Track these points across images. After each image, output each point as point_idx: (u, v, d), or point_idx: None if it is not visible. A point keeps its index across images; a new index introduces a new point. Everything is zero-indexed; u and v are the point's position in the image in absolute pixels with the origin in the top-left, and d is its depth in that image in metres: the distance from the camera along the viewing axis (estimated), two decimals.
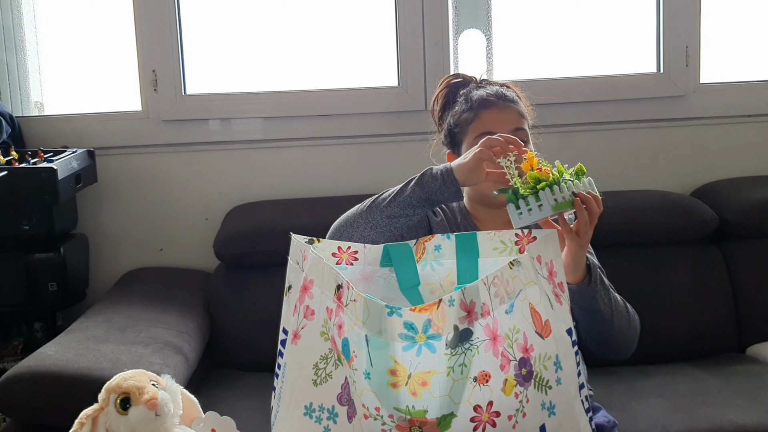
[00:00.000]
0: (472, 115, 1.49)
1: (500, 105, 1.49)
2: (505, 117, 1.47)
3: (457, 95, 1.55)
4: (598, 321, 1.39)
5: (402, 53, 2.26)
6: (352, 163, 2.28)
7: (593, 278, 1.34)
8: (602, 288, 1.37)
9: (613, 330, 1.41)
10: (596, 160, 2.23)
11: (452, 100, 1.56)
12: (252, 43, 2.31)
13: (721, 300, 2.03)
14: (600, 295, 1.36)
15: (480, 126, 1.47)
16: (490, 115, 1.47)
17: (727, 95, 2.37)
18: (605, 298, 1.38)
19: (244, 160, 2.26)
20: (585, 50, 2.38)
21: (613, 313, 1.39)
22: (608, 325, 1.39)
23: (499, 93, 1.51)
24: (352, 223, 1.38)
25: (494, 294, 0.95)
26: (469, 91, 1.54)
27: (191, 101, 2.24)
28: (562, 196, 1.18)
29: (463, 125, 1.51)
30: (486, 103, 1.49)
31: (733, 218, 2.09)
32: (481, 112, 1.48)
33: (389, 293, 1.19)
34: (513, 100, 1.51)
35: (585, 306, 1.34)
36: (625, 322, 1.43)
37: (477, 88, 1.54)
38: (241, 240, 2.02)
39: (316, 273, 1.03)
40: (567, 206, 1.19)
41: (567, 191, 1.19)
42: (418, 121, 2.15)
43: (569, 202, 1.19)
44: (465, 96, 1.53)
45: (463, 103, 1.52)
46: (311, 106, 2.26)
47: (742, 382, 1.71)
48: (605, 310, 1.38)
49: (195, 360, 1.72)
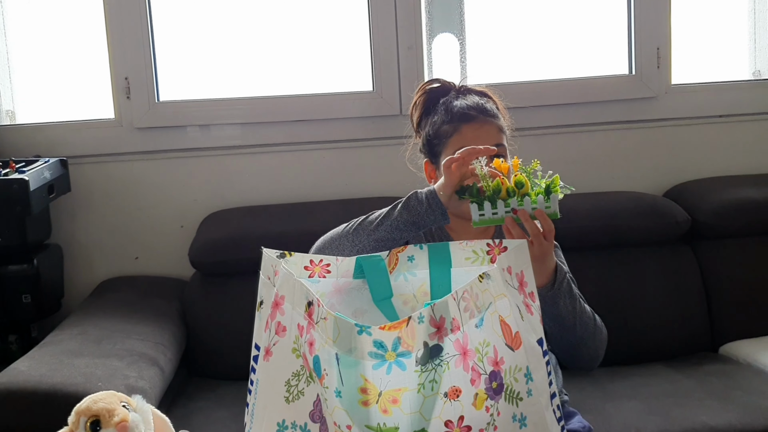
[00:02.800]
0: (452, 129, 1.48)
1: (480, 120, 1.48)
2: (485, 132, 1.47)
3: (437, 103, 1.54)
4: (559, 327, 1.39)
5: (376, 58, 2.26)
6: (328, 168, 2.28)
7: (557, 284, 1.35)
8: (567, 295, 1.38)
9: (575, 339, 1.41)
10: (569, 163, 2.25)
11: (431, 108, 1.55)
12: (226, 50, 2.30)
13: (695, 300, 2.06)
14: (563, 302, 1.36)
15: (460, 140, 1.46)
16: (471, 130, 1.47)
17: (698, 96, 2.40)
18: (569, 306, 1.38)
19: (219, 166, 2.25)
20: (557, 53, 2.40)
21: (575, 322, 1.39)
22: (570, 333, 1.40)
23: (479, 106, 1.50)
24: (338, 245, 1.38)
25: (464, 308, 0.96)
26: (450, 101, 1.52)
27: (165, 108, 2.23)
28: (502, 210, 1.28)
29: (442, 137, 1.49)
30: (466, 117, 1.48)
31: (705, 219, 2.11)
32: (461, 127, 1.47)
33: (363, 305, 1.19)
34: (493, 114, 1.50)
35: (546, 311, 1.32)
36: (589, 333, 1.42)
37: (457, 97, 1.53)
38: (216, 248, 2.02)
39: (287, 289, 1.03)
40: (500, 221, 1.29)
41: (502, 208, 1.27)
42: (394, 125, 2.15)
43: (500, 218, 1.28)
44: (445, 106, 1.52)
45: (443, 114, 1.51)
46: (286, 112, 2.26)
47: (716, 383, 1.74)
48: (567, 317, 1.38)
49: (171, 371, 1.71)
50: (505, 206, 1.28)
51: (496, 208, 1.28)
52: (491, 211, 1.28)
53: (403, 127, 1.68)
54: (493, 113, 1.51)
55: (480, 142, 1.43)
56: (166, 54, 2.25)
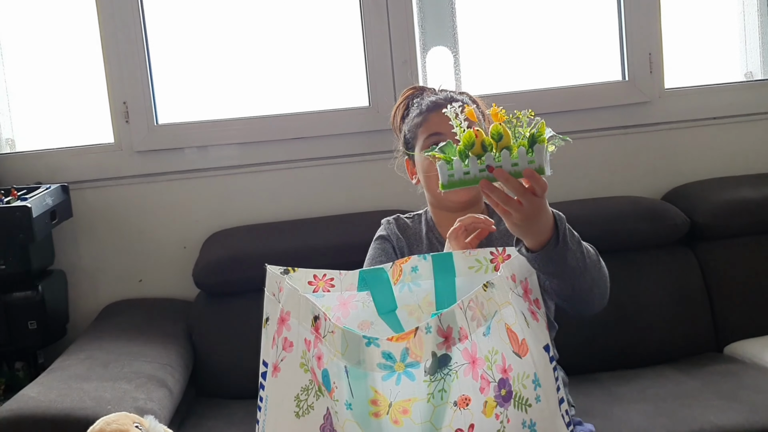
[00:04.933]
0: (422, 119, 1.52)
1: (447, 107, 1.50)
2: (449, 118, 1.47)
3: (413, 104, 1.59)
4: (571, 280, 1.20)
5: (371, 73, 2.28)
6: (327, 184, 2.29)
7: (561, 236, 1.13)
8: (574, 244, 1.17)
9: (588, 283, 1.23)
10: (566, 170, 2.26)
11: (409, 110, 1.60)
12: (222, 71, 2.32)
13: (697, 301, 2.07)
14: (572, 254, 1.16)
15: (429, 128, 1.50)
16: (437, 118, 1.48)
17: (691, 99, 2.42)
18: (578, 254, 1.17)
19: (219, 186, 2.26)
20: (550, 62, 2.42)
21: (586, 266, 1.20)
22: (582, 280, 1.21)
23: (448, 96, 1.54)
24: None
25: (471, 317, 0.97)
26: (422, 99, 1.57)
27: (163, 131, 2.24)
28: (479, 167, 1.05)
29: (414, 130, 1.54)
30: (434, 106, 1.51)
31: (704, 220, 2.12)
32: (429, 115, 1.51)
33: (368, 317, 1.21)
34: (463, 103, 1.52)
35: (551, 271, 1.16)
36: (597, 270, 1.25)
37: (430, 94, 1.58)
38: (219, 267, 2.02)
39: (292, 304, 1.04)
40: (473, 182, 1.06)
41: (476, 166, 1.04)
42: (390, 139, 2.14)
43: (473, 179, 1.05)
44: (417, 103, 1.57)
45: (415, 110, 1.56)
46: (284, 130, 2.27)
47: (721, 383, 1.74)
48: (578, 267, 1.18)
49: (179, 392, 1.72)
50: (479, 163, 1.05)
51: (467, 166, 1.05)
52: (462, 171, 1.05)
53: (394, 145, 1.70)
54: (462, 101, 1.48)
55: (447, 127, 1.37)
56: (164, 77, 2.27)
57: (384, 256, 1.51)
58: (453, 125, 1.13)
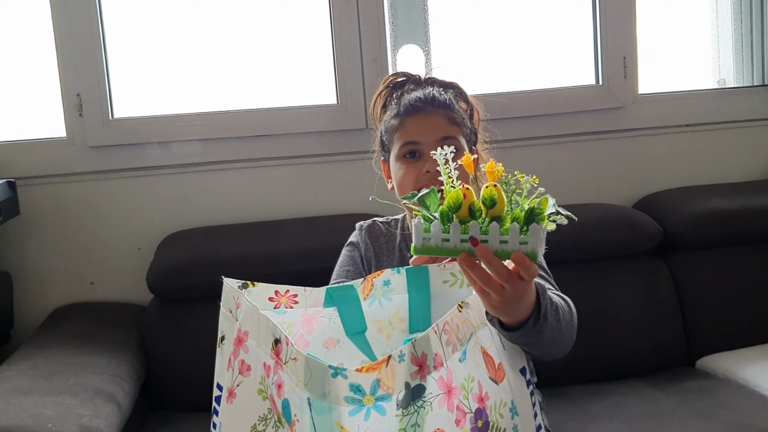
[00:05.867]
0: (398, 123, 1.36)
1: (426, 111, 1.34)
2: (430, 125, 1.33)
3: (392, 99, 1.44)
4: (539, 347, 1.09)
5: (340, 70, 2.20)
6: (292, 185, 2.20)
7: (542, 314, 1.01)
8: (552, 315, 1.04)
9: (557, 347, 1.12)
10: (537, 175, 2.19)
11: (389, 102, 1.45)
12: (183, 63, 2.21)
13: (669, 313, 2.03)
14: (549, 328, 1.04)
15: (404, 135, 1.35)
16: (415, 123, 1.34)
17: (664, 106, 2.38)
18: (554, 324, 1.05)
19: (177, 185, 2.16)
20: (523, 64, 2.36)
21: (561, 332, 1.08)
22: (553, 345, 1.10)
23: (429, 96, 1.36)
24: None
25: (446, 342, 0.89)
26: (403, 93, 1.40)
27: (119, 125, 2.13)
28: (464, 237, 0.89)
29: (390, 133, 1.38)
30: (412, 108, 1.35)
31: (677, 230, 2.08)
32: (405, 120, 1.35)
33: (335, 334, 1.12)
34: (444, 104, 1.36)
35: (523, 343, 1.04)
36: (571, 328, 1.14)
37: (415, 88, 1.42)
38: (175, 272, 1.92)
39: (251, 324, 0.95)
40: (451, 253, 0.90)
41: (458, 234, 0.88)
42: (359, 139, 2.09)
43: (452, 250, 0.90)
44: (397, 99, 1.40)
45: (393, 108, 1.39)
46: (247, 127, 2.17)
47: (697, 400, 1.69)
48: (555, 337, 1.07)
49: (129, 405, 1.61)
50: (461, 231, 0.90)
51: (448, 232, 0.90)
52: (441, 236, 0.90)
53: (370, 141, 1.61)
54: (443, 103, 1.36)
55: (424, 135, 1.32)
56: (120, 68, 2.15)
57: (351, 265, 1.42)
58: (428, 133, 1.03)
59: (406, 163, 1.35)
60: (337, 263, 1.45)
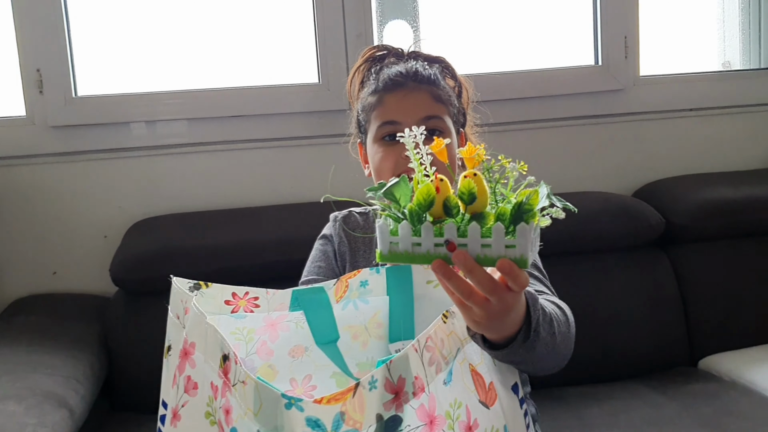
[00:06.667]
0: (376, 100, 1.23)
1: (408, 87, 1.20)
2: (411, 102, 1.19)
3: (370, 74, 1.29)
4: (531, 365, 0.93)
5: (322, 47, 2.05)
6: (269, 169, 2.06)
7: (534, 329, 0.86)
8: (545, 327, 0.88)
9: (551, 363, 0.97)
10: (531, 161, 2.05)
11: (367, 78, 1.31)
12: (153, 38, 2.06)
13: (671, 309, 1.90)
14: (542, 343, 0.88)
15: (383, 113, 1.21)
16: (394, 100, 1.20)
17: (667, 89, 2.25)
18: (548, 339, 0.89)
19: (146, 168, 2.01)
20: (518, 43, 2.21)
21: (555, 347, 0.92)
22: (547, 362, 0.94)
23: (411, 71, 1.22)
24: None
25: (428, 361, 0.75)
26: (383, 67, 1.26)
27: (83, 104, 1.98)
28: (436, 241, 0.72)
29: (367, 111, 1.24)
30: (392, 84, 1.21)
31: (680, 221, 1.96)
32: (384, 97, 1.21)
33: (302, 341, 0.98)
34: (429, 80, 1.22)
35: (512, 361, 0.90)
36: (568, 341, 0.99)
37: (396, 62, 1.27)
38: (142, 262, 1.77)
39: (198, 334, 0.81)
40: (423, 261, 0.74)
41: (430, 238, 0.72)
42: (343, 120, 1.92)
43: (425, 256, 0.73)
44: (376, 74, 1.27)
45: (372, 83, 1.25)
46: (222, 107, 2.03)
47: (703, 407, 1.57)
48: (546, 351, 0.90)
49: (84, 410, 1.47)
50: (435, 233, 0.73)
51: (419, 235, 0.73)
52: (411, 240, 0.73)
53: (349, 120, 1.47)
54: (427, 78, 1.22)
55: (404, 114, 1.18)
56: (84, 43, 1.99)
57: (323, 261, 1.28)
58: (409, 112, 0.88)
59: (384, 145, 1.21)
60: (309, 258, 1.31)
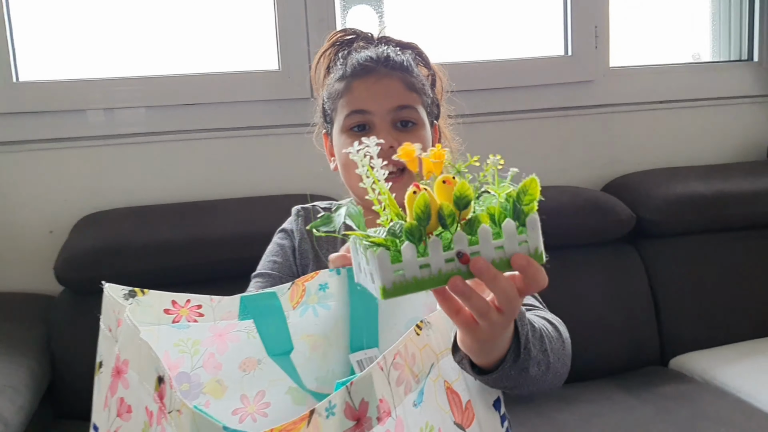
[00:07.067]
0: (344, 87, 1.14)
1: (379, 73, 1.12)
2: (383, 89, 1.11)
3: (337, 59, 1.20)
4: (525, 387, 0.85)
5: (282, 32, 1.96)
6: (227, 160, 1.97)
7: (524, 347, 0.79)
8: (535, 345, 0.81)
9: (546, 384, 0.88)
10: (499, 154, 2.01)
11: (333, 65, 1.21)
12: (102, 19, 1.94)
13: (641, 306, 1.87)
14: (534, 364, 0.81)
15: (351, 102, 1.12)
16: (364, 87, 1.11)
17: (637, 80, 2.21)
18: (540, 355, 0.82)
19: (95, 159, 1.90)
20: (486, 31, 2.14)
21: (549, 366, 0.85)
22: (541, 383, 0.86)
23: (382, 56, 1.14)
24: None
25: (396, 380, 0.66)
26: (350, 52, 1.18)
27: (26, 90, 1.85)
28: None
29: (334, 99, 1.15)
30: (361, 69, 1.12)
31: (650, 215, 1.91)
32: (353, 83, 1.12)
33: (255, 353, 0.89)
34: (401, 66, 1.14)
35: (504, 386, 0.82)
36: (562, 360, 0.91)
37: (366, 47, 1.19)
38: (89, 259, 1.66)
39: (132, 350, 0.71)
40: (437, 284, 0.65)
41: (440, 254, 0.64)
42: (304, 109, 1.83)
43: (438, 277, 0.64)
44: (343, 59, 1.17)
45: (339, 69, 1.17)
46: (177, 94, 1.92)
47: (676, 409, 1.52)
48: (539, 372, 0.83)
49: (21, 423, 1.36)
50: (443, 247, 0.64)
51: (426, 254, 0.64)
52: (417, 263, 0.64)
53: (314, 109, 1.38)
54: (399, 64, 1.13)
55: (375, 102, 1.09)
56: (26, 24, 1.86)
57: (280, 256, 1.19)
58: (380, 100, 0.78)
59: (352, 137, 1.13)
60: (265, 252, 1.21)
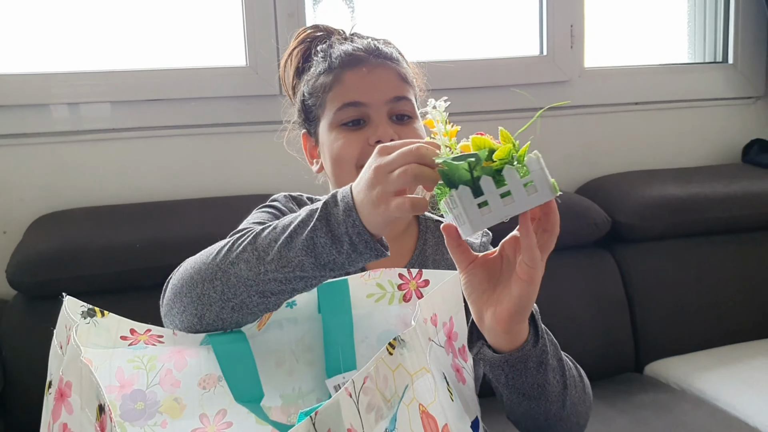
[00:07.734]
0: (332, 79, 1.07)
1: (372, 63, 1.07)
2: (377, 79, 1.06)
3: (316, 53, 1.14)
4: (544, 402, 0.88)
5: (250, 27, 1.90)
6: (191, 159, 1.90)
7: (540, 332, 0.85)
8: (551, 345, 0.89)
9: (565, 411, 0.90)
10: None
11: (310, 61, 1.14)
12: (64, 13, 1.86)
13: (616, 311, 1.84)
14: (551, 359, 0.86)
15: (342, 93, 1.06)
16: (356, 78, 1.05)
17: (613, 81, 2.19)
18: (555, 364, 0.87)
19: (52, 156, 1.82)
20: (460, 30, 2.09)
21: (566, 384, 0.89)
22: (559, 404, 0.89)
23: (371, 47, 1.09)
24: (200, 294, 0.82)
25: (366, 407, 0.61)
26: (331, 46, 1.12)
27: None
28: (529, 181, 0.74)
29: (319, 93, 1.09)
30: (351, 60, 1.06)
31: (626, 219, 1.88)
32: (343, 74, 1.07)
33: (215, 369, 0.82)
34: (391, 57, 1.10)
35: (527, 385, 0.85)
36: (579, 391, 0.94)
37: (342, 42, 1.13)
38: (43, 262, 1.58)
39: (73, 372, 0.64)
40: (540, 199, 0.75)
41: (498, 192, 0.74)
42: (272, 107, 1.78)
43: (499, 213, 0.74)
44: (324, 52, 1.11)
45: (321, 62, 1.10)
46: (140, 90, 1.85)
47: (654, 420, 1.49)
48: (556, 384, 0.88)
49: None
50: (496, 184, 0.74)
51: (504, 184, 0.73)
52: (497, 192, 0.73)
53: (283, 109, 1.31)
54: (390, 55, 1.09)
55: (370, 93, 1.03)
56: None
57: None
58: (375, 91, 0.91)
59: (345, 131, 1.05)
60: (242, 224, 1.05)
